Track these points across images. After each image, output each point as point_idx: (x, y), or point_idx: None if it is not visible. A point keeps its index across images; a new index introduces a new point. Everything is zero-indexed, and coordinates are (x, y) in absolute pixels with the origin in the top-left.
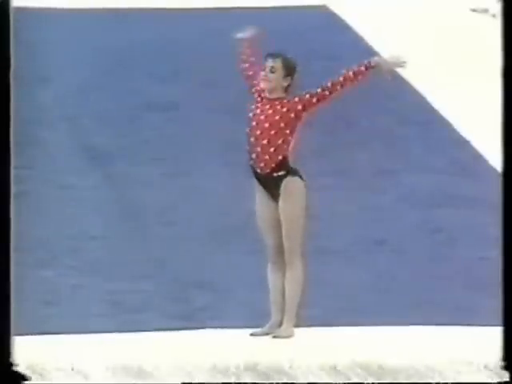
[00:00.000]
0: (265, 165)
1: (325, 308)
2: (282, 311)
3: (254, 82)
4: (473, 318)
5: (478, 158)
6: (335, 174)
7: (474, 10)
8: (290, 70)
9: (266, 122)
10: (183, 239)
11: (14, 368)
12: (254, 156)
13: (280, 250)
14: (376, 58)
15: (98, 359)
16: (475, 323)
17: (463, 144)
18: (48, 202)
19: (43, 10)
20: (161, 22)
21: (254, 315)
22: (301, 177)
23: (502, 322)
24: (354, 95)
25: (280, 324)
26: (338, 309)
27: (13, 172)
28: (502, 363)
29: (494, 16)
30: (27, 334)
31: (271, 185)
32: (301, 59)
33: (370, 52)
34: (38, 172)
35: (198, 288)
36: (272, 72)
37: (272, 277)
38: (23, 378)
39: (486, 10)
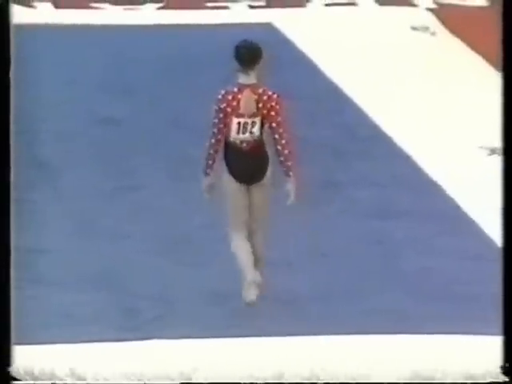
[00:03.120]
0: None
1: (272, 318)
2: (253, 268)
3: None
4: (416, 326)
5: (418, 172)
6: (282, 186)
7: (414, 28)
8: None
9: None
10: (133, 252)
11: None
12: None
13: (247, 222)
14: (290, 185)
15: (48, 369)
16: (419, 331)
17: (404, 159)
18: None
19: None
20: (112, 39)
21: (202, 325)
22: None
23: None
24: (301, 111)
25: (254, 281)
26: (286, 319)
27: None
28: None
29: (433, 34)
30: None
31: None
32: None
33: (312, 66)
34: None
35: (148, 300)
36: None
37: (241, 243)
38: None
39: (426, 28)
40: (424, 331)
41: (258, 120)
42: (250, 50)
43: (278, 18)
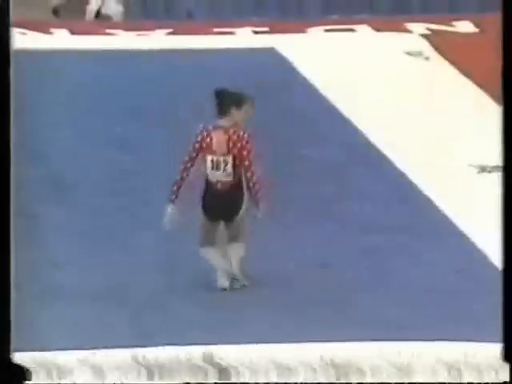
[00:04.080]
0: None
1: (273, 325)
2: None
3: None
4: (408, 334)
5: (412, 189)
6: (284, 202)
7: (408, 54)
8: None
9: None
10: (140, 265)
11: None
12: None
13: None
14: (261, 211)
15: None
16: (410, 338)
17: (400, 176)
18: (12, 230)
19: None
20: (125, 63)
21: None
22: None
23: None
24: (300, 131)
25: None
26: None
27: None
28: None
29: (426, 59)
30: None
31: None
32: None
33: (311, 88)
34: None
35: (151, 309)
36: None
37: (216, 255)
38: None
39: (420, 53)
40: (414, 338)
41: (229, 159)
42: (224, 97)
43: (280, 42)
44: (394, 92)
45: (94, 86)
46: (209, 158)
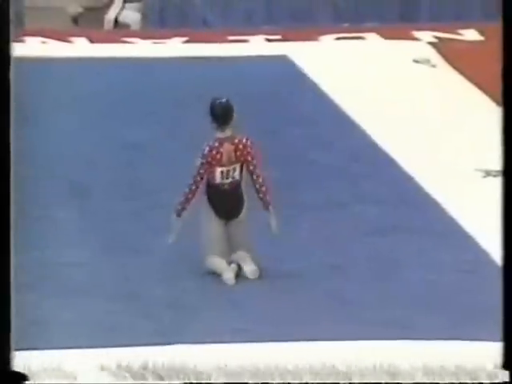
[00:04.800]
0: None
1: (288, 324)
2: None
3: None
4: (418, 333)
5: (420, 192)
6: (295, 205)
7: (416, 61)
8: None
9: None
10: (155, 265)
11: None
12: None
13: (224, 253)
14: (270, 217)
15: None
16: (421, 338)
17: (408, 180)
18: (32, 232)
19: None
20: (133, 72)
21: (220, 331)
22: None
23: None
24: (309, 137)
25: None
26: (298, 325)
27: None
28: None
29: (434, 66)
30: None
31: None
32: (260, 102)
33: (322, 94)
34: (21, 205)
35: (167, 307)
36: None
37: (222, 265)
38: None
39: (427, 61)
40: (425, 337)
41: (237, 166)
42: (223, 109)
43: (292, 50)
44: (401, 98)
45: (111, 92)
46: (218, 169)
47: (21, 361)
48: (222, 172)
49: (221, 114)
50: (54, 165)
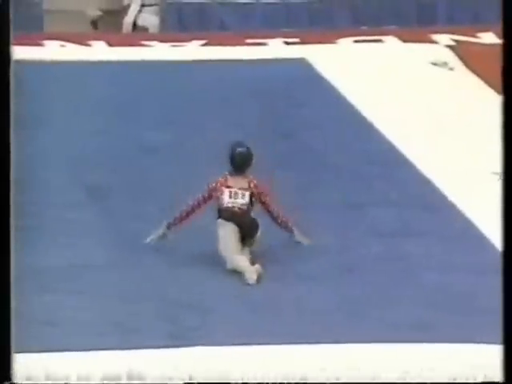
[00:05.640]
0: None
1: (301, 326)
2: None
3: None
4: (435, 336)
5: (437, 195)
6: (313, 208)
7: (434, 64)
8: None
9: None
10: (174, 265)
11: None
12: None
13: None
14: (297, 237)
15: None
16: (438, 340)
17: (424, 182)
18: (51, 234)
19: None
20: (151, 75)
21: (238, 333)
22: None
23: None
24: (328, 140)
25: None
26: (313, 328)
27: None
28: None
29: (451, 69)
30: (30, 352)
31: None
32: (279, 105)
33: (341, 99)
34: (42, 207)
35: (187, 309)
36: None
37: (245, 262)
38: None
39: (445, 64)
40: (442, 340)
41: (247, 193)
42: (243, 158)
43: (310, 53)
44: (419, 101)
45: (129, 95)
46: (226, 190)
47: (39, 362)
48: (230, 192)
49: (239, 164)
50: (72, 167)
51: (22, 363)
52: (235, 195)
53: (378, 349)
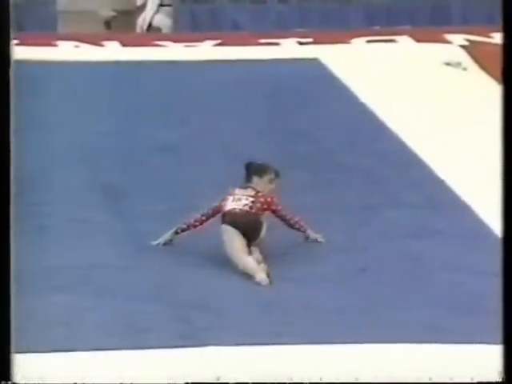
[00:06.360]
0: None
1: (313, 326)
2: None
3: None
4: (447, 337)
5: (450, 195)
6: (325, 208)
7: (447, 64)
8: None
9: None
10: (185, 266)
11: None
12: None
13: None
14: (311, 235)
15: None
16: (454, 341)
17: (438, 183)
18: (64, 234)
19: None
20: (164, 75)
21: (250, 333)
22: None
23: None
24: (341, 140)
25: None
26: (325, 328)
27: (33, 208)
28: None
29: (465, 69)
30: (41, 352)
31: None
32: (292, 105)
33: (354, 99)
34: (55, 208)
35: (198, 310)
36: None
37: (246, 258)
38: None
39: (458, 64)
40: (454, 341)
41: (250, 198)
42: (248, 167)
43: (324, 53)
44: (432, 101)
45: (143, 95)
46: (230, 197)
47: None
48: (233, 197)
49: (247, 173)
50: (87, 167)
51: (33, 363)
52: (238, 199)
53: (392, 349)
